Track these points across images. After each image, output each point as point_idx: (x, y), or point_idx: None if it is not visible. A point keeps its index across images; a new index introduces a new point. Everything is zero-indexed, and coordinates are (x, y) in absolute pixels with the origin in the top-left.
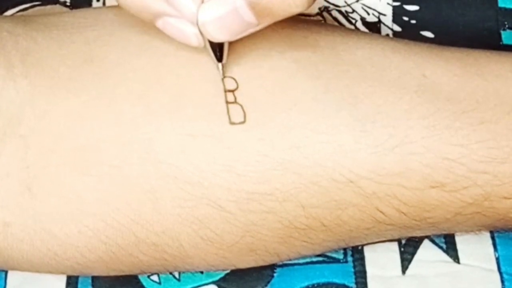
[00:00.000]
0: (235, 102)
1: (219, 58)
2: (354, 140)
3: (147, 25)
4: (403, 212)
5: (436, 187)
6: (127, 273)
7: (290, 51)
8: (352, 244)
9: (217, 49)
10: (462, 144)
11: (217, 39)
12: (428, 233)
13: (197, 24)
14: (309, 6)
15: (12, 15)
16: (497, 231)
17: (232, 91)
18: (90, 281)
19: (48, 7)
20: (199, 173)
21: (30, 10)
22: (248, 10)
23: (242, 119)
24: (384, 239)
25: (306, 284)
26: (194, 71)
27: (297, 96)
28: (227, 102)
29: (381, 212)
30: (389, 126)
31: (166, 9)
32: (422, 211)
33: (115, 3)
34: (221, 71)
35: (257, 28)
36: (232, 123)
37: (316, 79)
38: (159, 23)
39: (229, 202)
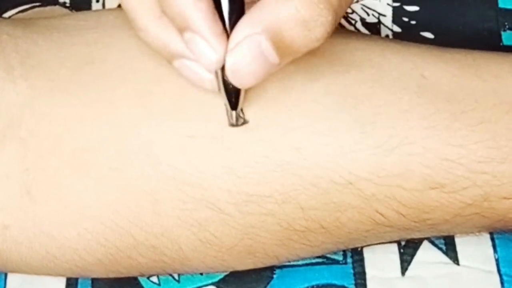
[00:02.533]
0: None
1: (234, 105)
2: (354, 142)
3: None
4: (402, 214)
5: (435, 188)
6: (126, 275)
7: None
8: (351, 246)
9: (233, 96)
10: (461, 145)
11: (243, 85)
12: (427, 235)
13: (220, 69)
14: (328, 37)
15: (12, 16)
16: (497, 233)
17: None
18: (89, 282)
19: (48, 8)
20: (198, 175)
21: (30, 11)
22: (273, 51)
23: (242, 121)
24: (383, 241)
25: (305, 285)
26: None
27: (296, 97)
28: (226, 104)
29: (380, 214)
30: (389, 127)
31: (185, 52)
32: (422, 212)
33: (115, 4)
34: (234, 119)
35: (278, 68)
36: (231, 124)
37: (316, 81)
38: (176, 63)
39: (228, 204)
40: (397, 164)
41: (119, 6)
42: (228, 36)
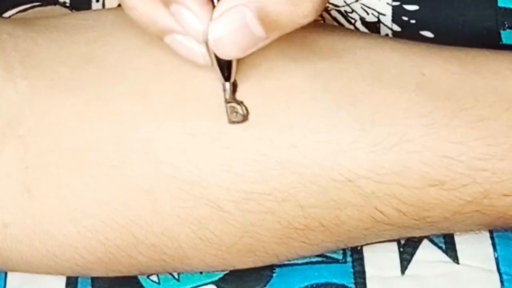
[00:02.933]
0: (234, 101)
1: (227, 77)
2: (353, 139)
3: None
4: (402, 211)
5: (435, 186)
6: (126, 274)
7: (289, 50)
8: (351, 245)
9: (225, 68)
10: (461, 142)
11: (228, 56)
12: (427, 233)
13: (207, 41)
14: (317, 15)
15: (11, 15)
16: (497, 231)
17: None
18: (89, 281)
19: (48, 7)
20: (198, 173)
21: (30, 11)
22: (258, 24)
23: (241, 118)
24: (383, 239)
25: (305, 284)
26: (193, 71)
27: (296, 95)
28: (226, 101)
29: (380, 211)
30: (388, 125)
31: (174, 26)
32: (421, 210)
33: (114, 4)
34: (229, 90)
35: (266, 42)
36: (232, 122)
37: (315, 78)
38: (167, 39)
39: (228, 202)
40: (396, 162)
41: (119, 5)
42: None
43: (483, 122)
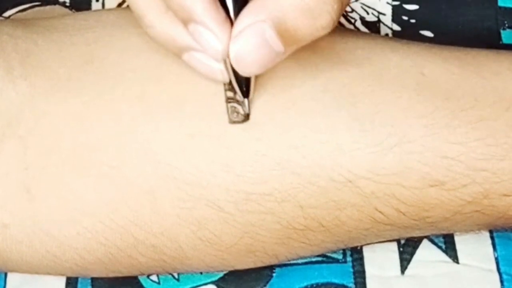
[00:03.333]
0: (234, 101)
1: (246, 94)
2: (353, 140)
3: None
4: (402, 212)
5: (435, 186)
6: (126, 274)
7: None
8: (351, 245)
9: (243, 84)
10: (461, 142)
11: (248, 73)
12: (427, 233)
13: (226, 59)
14: (334, 26)
15: (11, 15)
16: (497, 231)
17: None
18: (89, 281)
19: (48, 7)
20: (197, 173)
21: (29, 11)
22: (278, 40)
23: (242, 118)
24: (383, 239)
25: (305, 284)
26: (193, 71)
27: (296, 95)
28: (226, 101)
29: (380, 212)
30: (388, 125)
31: (192, 44)
32: (421, 210)
33: (114, 4)
34: (247, 107)
35: (284, 57)
36: (232, 122)
37: (315, 79)
38: (185, 57)
39: (228, 202)
40: (396, 162)
41: (119, 5)
42: (232, 25)
43: (483, 122)
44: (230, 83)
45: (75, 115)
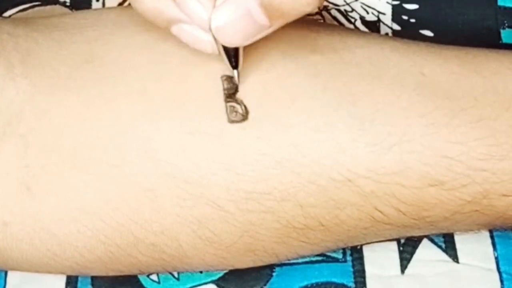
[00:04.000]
0: (234, 100)
1: (235, 65)
2: (352, 139)
3: (147, 24)
4: (401, 211)
5: (434, 186)
6: (126, 273)
7: (289, 50)
8: (350, 244)
9: (232, 56)
10: (461, 142)
11: (231, 43)
12: (427, 233)
13: (210, 29)
14: (320, 4)
15: (12, 15)
16: (496, 230)
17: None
18: (89, 280)
19: (48, 7)
20: (198, 172)
21: (30, 11)
22: (261, 12)
23: (241, 118)
24: (382, 239)
25: (305, 283)
26: (193, 70)
27: (295, 94)
28: (226, 101)
29: (379, 211)
30: (388, 125)
31: (180, 15)
32: (421, 209)
33: (114, 3)
34: (237, 78)
35: (270, 31)
36: (231, 121)
37: (315, 78)
38: (174, 30)
39: (228, 201)
40: (396, 162)
41: (120, 4)
42: None
43: (483, 121)
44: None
45: (75, 114)
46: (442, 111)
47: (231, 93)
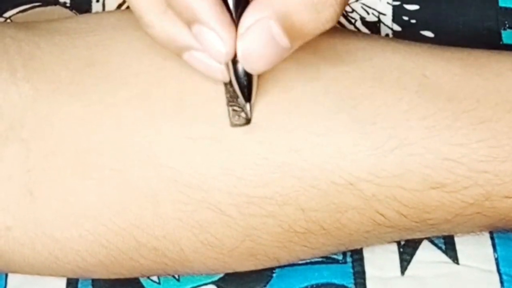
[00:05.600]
0: (237, 103)
1: (248, 97)
2: (354, 142)
3: None
4: (403, 214)
5: (436, 188)
6: (127, 276)
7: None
8: (352, 248)
9: (245, 86)
10: (463, 144)
11: (256, 70)
12: (428, 235)
13: (230, 61)
14: (338, 19)
15: (12, 16)
16: (497, 232)
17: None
18: (90, 281)
19: (48, 8)
20: (199, 177)
21: (30, 11)
22: (284, 36)
23: (244, 121)
24: (384, 242)
25: (305, 284)
26: (194, 74)
27: (296, 98)
28: (228, 105)
29: (381, 214)
30: (389, 128)
31: (193, 43)
32: (422, 212)
33: (115, 4)
34: (249, 111)
35: (290, 52)
36: (234, 125)
37: (316, 81)
38: (185, 56)
39: (229, 206)
40: (397, 165)
41: (120, 5)
42: (236, 27)
43: (485, 124)
44: (232, 86)
45: (77, 118)
46: (444, 113)
47: (234, 97)
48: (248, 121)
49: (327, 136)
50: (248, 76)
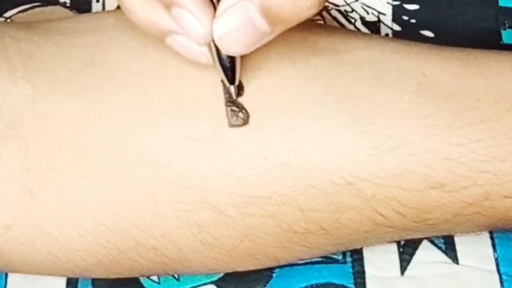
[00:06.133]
0: (235, 104)
1: (231, 80)
2: (353, 142)
3: None
4: (402, 214)
5: (435, 188)
6: (127, 276)
7: (289, 52)
8: (351, 248)
9: (228, 69)
10: (462, 144)
11: (234, 52)
12: (427, 235)
13: (210, 42)
14: (320, 8)
15: (12, 16)
16: (496, 232)
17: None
18: (90, 281)
19: (48, 8)
20: (198, 177)
21: (30, 11)
22: (261, 19)
23: (242, 122)
24: (383, 242)
25: (304, 284)
26: (193, 74)
27: (296, 97)
28: (227, 105)
29: (380, 214)
30: (388, 127)
31: (174, 27)
32: (422, 212)
33: (114, 4)
34: (233, 94)
35: (271, 37)
36: (232, 125)
37: (315, 80)
38: (168, 41)
39: (229, 206)
40: (396, 164)
41: (119, 6)
42: (215, 9)
43: (485, 123)
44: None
45: (76, 118)
46: (443, 112)
47: (232, 97)
48: (246, 121)
49: (326, 136)
50: (231, 58)
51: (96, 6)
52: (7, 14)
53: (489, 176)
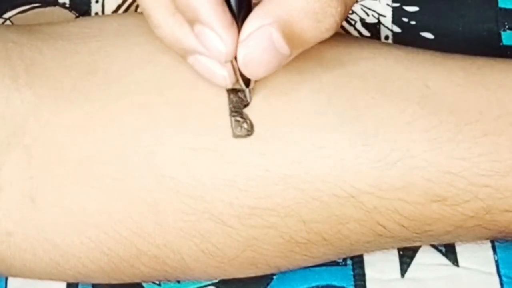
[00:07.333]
0: (240, 114)
1: (247, 83)
2: (356, 155)
3: (149, 35)
4: (404, 226)
5: (437, 201)
6: (128, 282)
7: (293, 62)
8: (352, 255)
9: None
10: (464, 158)
11: (255, 76)
12: (428, 243)
13: (232, 61)
14: (338, 29)
15: (11, 17)
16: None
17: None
18: (90, 284)
19: (48, 9)
20: (201, 187)
21: (29, 12)
22: (284, 43)
23: (246, 132)
24: (384, 249)
25: (305, 287)
26: (197, 84)
27: (299, 109)
28: (231, 115)
29: (382, 226)
30: (391, 140)
31: (198, 47)
32: (423, 224)
33: (114, 5)
34: (248, 97)
35: (290, 59)
36: (236, 136)
37: (319, 92)
38: (190, 60)
39: (231, 216)
40: (399, 178)
41: (119, 6)
42: (238, 29)
43: (487, 137)
44: (235, 95)
45: (79, 126)
46: (446, 125)
47: (237, 107)
48: (250, 132)
49: (329, 148)
50: None
51: (95, 7)
52: (7, 15)
53: (490, 191)
